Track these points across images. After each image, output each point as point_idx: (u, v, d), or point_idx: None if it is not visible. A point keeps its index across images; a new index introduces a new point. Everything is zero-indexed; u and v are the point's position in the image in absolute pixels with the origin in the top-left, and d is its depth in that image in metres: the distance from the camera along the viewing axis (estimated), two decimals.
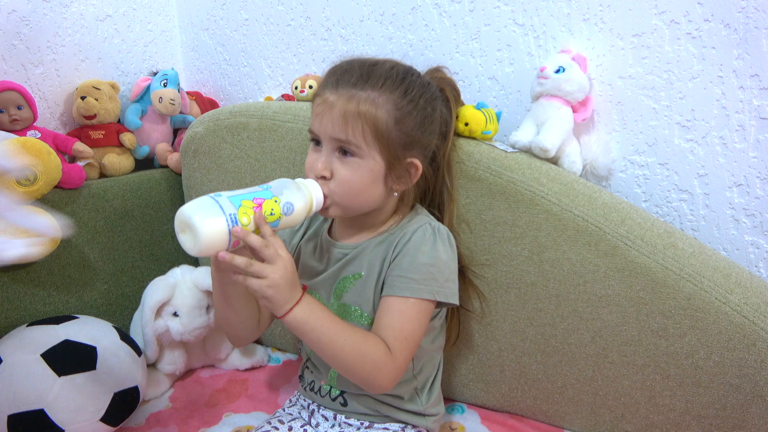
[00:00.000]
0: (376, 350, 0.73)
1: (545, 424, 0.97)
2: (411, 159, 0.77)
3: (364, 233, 0.83)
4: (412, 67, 0.80)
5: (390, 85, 0.74)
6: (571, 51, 0.95)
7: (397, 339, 0.74)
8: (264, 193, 0.69)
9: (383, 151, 0.74)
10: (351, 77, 0.74)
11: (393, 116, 0.74)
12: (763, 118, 0.84)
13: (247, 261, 0.66)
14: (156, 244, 1.27)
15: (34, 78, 1.21)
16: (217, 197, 0.66)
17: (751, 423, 0.79)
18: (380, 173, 0.75)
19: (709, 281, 0.79)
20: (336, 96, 0.73)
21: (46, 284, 1.08)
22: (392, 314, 0.76)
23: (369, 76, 0.74)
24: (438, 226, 0.81)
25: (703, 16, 0.85)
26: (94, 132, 1.24)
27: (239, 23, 1.37)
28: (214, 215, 0.64)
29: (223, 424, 0.99)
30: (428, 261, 0.76)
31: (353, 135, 0.73)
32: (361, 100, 0.72)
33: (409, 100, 0.75)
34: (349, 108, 0.72)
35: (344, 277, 0.82)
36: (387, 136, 0.74)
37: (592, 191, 0.87)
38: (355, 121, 0.72)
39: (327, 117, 0.74)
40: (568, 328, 0.89)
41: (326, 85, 0.76)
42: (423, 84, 0.79)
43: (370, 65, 0.76)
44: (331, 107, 0.73)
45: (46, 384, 0.87)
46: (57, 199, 1.09)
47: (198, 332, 1.08)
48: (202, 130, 1.18)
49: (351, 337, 0.72)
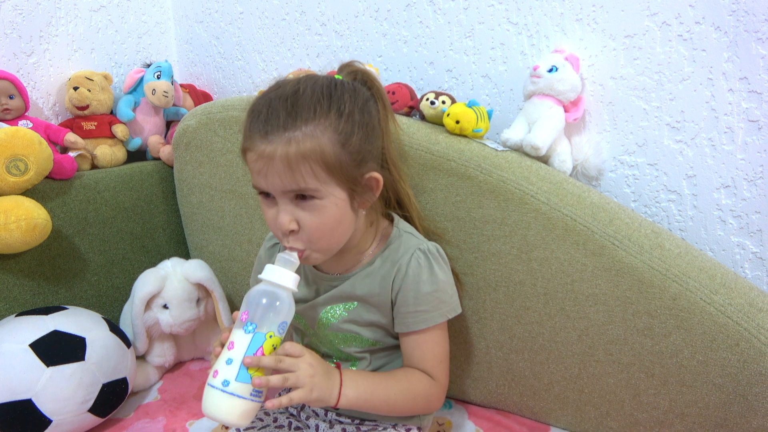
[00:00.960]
0: (422, 387, 0.78)
1: (531, 420, 0.98)
2: (369, 174, 0.72)
3: (347, 261, 0.80)
4: (331, 78, 0.73)
5: (321, 111, 0.67)
6: (564, 51, 0.96)
7: (435, 366, 0.79)
8: (256, 338, 0.65)
9: (340, 181, 0.69)
10: (278, 120, 0.67)
11: (337, 141, 0.67)
12: (752, 121, 0.85)
13: (283, 377, 0.66)
14: (147, 236, 1.27)
15: (27, 67, 1.20)
16: (224, 386, 0.63)
17: (732, 422, 0.80)
18: (345, 203, 0.71)
19: (694, 282, 0.80)
20: (271, 145, 0.66)
21: (35, 275, 1.08)
22: (420, 349, 0.79)
23: (296, 110, 0.67)
24: (427, 247, 0.79)
25: (694, 19, 0.86)
26: (86, 123, 1.24)
27: (234, 16, 1.37)
28: (240, 407, 0.64)
29: None
30: (431, 289, 0.77)
31: (305, 180, 0.67)
32: (299, 140, 0.66)
33: (346, 117, 0.69)
34: (290, 152, 0.65)
35: (334, 305, 0.81)
36: (338, 164, 0.68)
37: (581, 191, 0.88)
38: (302, 164, 0.66)
39: (270, 171, 0.67)
40: (555, 327, 0.90)
41: (254, 137, 0.68)
42: (350, 92, 0.71)
43: (291, 96, 0.68)
44: (270, 160, 0.66)
45: (34, 374, 0.87)
46: (48, 189, 1.09)
47: (188, 325, 1.08)
48: (195, 123, 1.18)
49: (400, 386, 0.76)
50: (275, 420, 0.86)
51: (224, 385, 0.63)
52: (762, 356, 0.76)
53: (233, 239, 1.20)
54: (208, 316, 1.13)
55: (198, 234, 1.26)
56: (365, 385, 0.73)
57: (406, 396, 0.76)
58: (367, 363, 0.83)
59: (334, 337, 0.82)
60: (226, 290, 1.17)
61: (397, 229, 0.82)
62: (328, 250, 0.74)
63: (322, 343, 0.84)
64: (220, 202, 1.19)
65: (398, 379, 0.77)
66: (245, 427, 0.67)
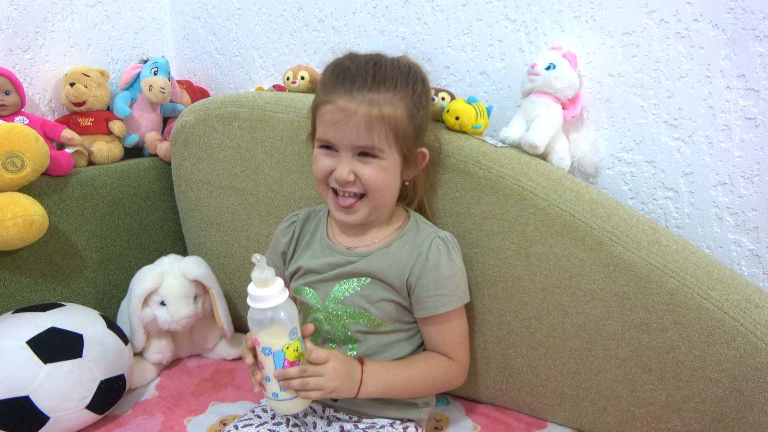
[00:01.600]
0: (441, 370, 0.83)
1: (529, 416, 0.99)
2: (420, 149, 0.81)
3: (366, 235, 0.85)
4: (404, 57, 0.83)
5: (402, 84, 0.76)
6: (562, 48, 0.96)
7: (455, 348, 0.84)
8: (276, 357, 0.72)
9: (401, 148, 0.77)
10: (365, 81, 0.74)
11: (408, 113, 0.76)
12: (749, 118, 0.85)
13: (305, 381, 0.72)
14: (144, 233, 1.27)
15: (23, 63, 1.20)
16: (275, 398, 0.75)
17: (729, 417, 0.81)
18: (398, 168, 0.79)
19: (691, 278, 0.80)
20: (354, 103, 0.73)
21: (32, 272, 1.07)
22: (440, 332, 0.84)
23: (383, 77, 0.75)
24: (445, 235, 0.85)
25: (692, 16, 0.86)
26: (83, 119, 1.23)
27: (231, 12, 1.36)
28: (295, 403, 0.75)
29: (209, 413, 1.00)
30: (451, 273, 0.82)
31: (378, 139, 0.74)
32: (382, 104, 0.73)
33: (418, 94, 0.78)
34: (372, 113, 0.73)
35: (347, 280, 0.83)
36: (404, 133, 0.76)
37: (580, 187, 0.88)
38: (379, 126, 0.73)
39: (348, 125, 0.73)
40: (553, 322, 0.90)
41: (335, 91, 0.74)
42: (420, 76, 0.81)
43: (375, 65, 0.76)
44: (351, 115, 0.73)
45: (31, 371, 0.87)
46: (45, 186, 1.08)
47: (185, 321, 1.08)
48: (193, 119, 1.17)
49: (418, 374, 0.81)
50: (273, 417, 0.86)
51: (275, 397, 0.74)
52: (758, 352, 0.77)
53: (231, 236, 1.19)
54: (205, 313, 1.13)
55: (196, 230, 1.26)
56: (384, 379, 0.78)
57: (425, 382, 0.81)
58: (366, 347, 0.84)
59: (344, 312, 0.83)
60: (223, 287, 1.17)
61: (414, 219, 0.87)
62: (375, 207, 0.80)
63: (327, 320, 0.85)
64: (218, 199, 1.19)
65: (417, 367, 0.81)
66: (306, 407, 0.76)
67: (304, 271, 0.87)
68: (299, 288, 0.87)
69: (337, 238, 0.87)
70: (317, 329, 0.85)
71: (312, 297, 0.86)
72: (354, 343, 0.84)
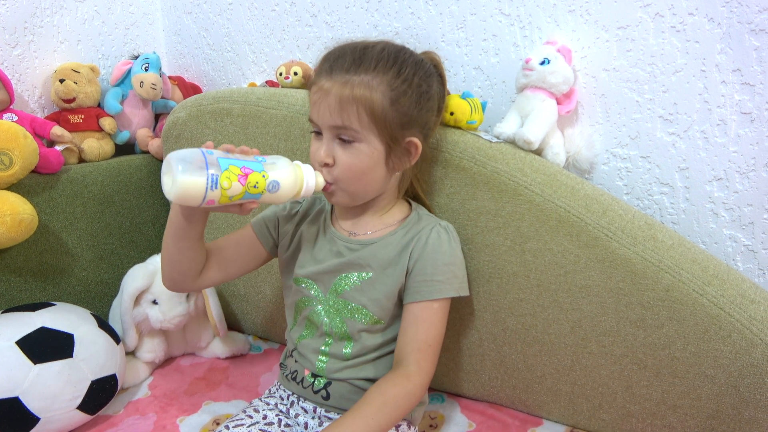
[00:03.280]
0: (398, 392, 0.74)
1: (524, 413, 0.98)
2: (410, 138, 0.78)
3: (368, 222, 0.84)
4: (405, 46, 0.81)
5: (383, 67, 0.75)
6: (557, 42, 0.95)
7: (421, 350, 0.78)
8: (255, 164, 0.69)
9: (381, 133, 0.75)
10: (344, 62, 0.75)
11: (388, 97, 0.74)
12: (744, 113, 0.85)
13: None
14: (136, 230, 1.25)
15: (11, 60, 1.18)
16: (208, 154, 0.67)
17: (724, 413, 0.81)
18: (380, 156, 0.77)
19: (687, 273, 0.80)
20: (330, 82, 0.74)
21: (22, 271, 1.06)
22: (417, 324, 0.79)
23: (362, 59, 0.75)
24: (447, 225, 0.84)
25: (687, 10, 0.85)
26: (73, 116, 1.22)
27: (223, 7, 1.35)
28: (196, 172, 0.65)
29: (202, 413, 0.99)
30: (449, 260, 0.81)
31: (349, 120, 0.73)
32: (355, 85, 0.73)
33: (403, 79, 0.75)
34: (344, 93, 0.73)
35: (348, 273, 0.82)
36: (383, 118, 0.74)
37: (575, 182, 0.87)
38: (350, 105, 0.73)
39: (323, 104, 0.74)
40: (548, 319, 0.89)
41: (321, 73, 0.76)
42: (416, 62, 0.79)
43: (362, 49, 0.76)
44: (326, 94, 0.74)
45: (21, 372, 0.86)
46: (34, 184, 1.07)
47: (178, 320, 1.07)
48: (185, 115, 1.16)
49: (374, 410, 0.72)
50: (265, 417, 0.85)
51: (208, 151, 0.67)
52: (754, 347, 0.76)
53: (224, 233, 1.18)
54: (198, 312, 1.12)
55: None
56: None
57: (385, 412, 0.73)
58: (360, 346, 0.83)
59: (344, 307, 0.82)
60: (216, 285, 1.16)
61: (416, 212, 0.86)
62: (353, 194, 0.79)
63: (326, 313, 0.84)
64: None
65: (371, 403, 0.73)
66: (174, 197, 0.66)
67: (305, 262, 0.86)
68: (300, 279, 0.86)
69: (340, 223, 0.86)
70: (316, 322, 0.84)
71: (313, 289, 0.85)
72: (350, 341, 0.83)
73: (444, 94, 0.86)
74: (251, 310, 1.21)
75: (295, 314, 0.89)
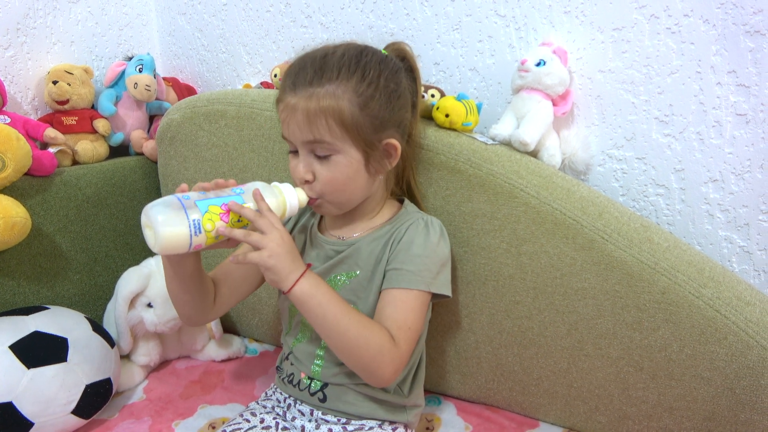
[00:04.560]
0: (380, 336, 0.73)
1: (520, 415, 0.98)
2: (387, 140, 0.77)
3: (356, 226, 0.83)
4: (367, 46, 0.79)
5: (345, 73, 0.73)
6: (552, 44, 0.95)
7: (401, 329, 0.75)
8: (234, 198, 0.69)
9: (356, 141, 0.74)
10: (306, 75, 0.73)
11: (356, 104, 0.73)
12: (740, 115, 0.85)
13: (246, 231, 0.68)
14: (130, 233, 1.25)
15: (3, 61, 1.17)
16: (185, 199, 0.66)
17: (720, 415, 0.81)
18: (359, 163, 0.75)
19: (683, 275, 0.80)
20: (296, 98, 0.73)
21: (15, 274, 1.05)
22: (394, 305, 0.76)
23: (323, 69, 0.73)
24: (431, 220, 0.82)
25: (682, 12, 0.85)
26: (66, 118, 1.21)
27: (217, 8, 1.34)
28: (176, 221, 0.64)
29: (198, 416, 0.98)
30: (421, 252, 0.78)
31: (320, 133, 0.72)
32: (320, 97, 0.72)
33: (369, 82, 0.74)
34: (311, 107, 0.72)
35: (337, 274, 0.82)
36: (355, 125, 0.73)
37: (571, 184, 0.87)
38: (319, 118, 0.72)
39: (292, 121, 0.73)
40: (544, 321, 0.89)
41: (284, 89, 0.75)
42: (379, 61, 0.77)
43: (322, 57, 0.75)
44: (293, 111, 0.73)
45: (14, 376, 0.85)
46: (27, 186, 1.06)
47: (173, 323, 1.06)
48: (179, 117, 1.15)
49: (356, 319, 0.73)
50: (262, 421, 0.85)
51: (184, 197, 0.67)
52: (749, 349, 0.76)
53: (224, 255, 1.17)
54: None
55: None
56: (325, 292, 0.72)
57: (359, 332, 0.72)
58: None
59: None
60: None
61: (405, 209, 0.86)
62: (339, 204, 0.79)
63: None
64: None
65: (359, 315, 0.74)
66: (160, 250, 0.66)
67: None
68: None
69: (329, 230, 0.86)
70: (309, 326, 0.84)
71: None
72: None
73: (417, 86, 0.84)
74: (247, 312, 1.20)
75: (289, 319, 0.88)
